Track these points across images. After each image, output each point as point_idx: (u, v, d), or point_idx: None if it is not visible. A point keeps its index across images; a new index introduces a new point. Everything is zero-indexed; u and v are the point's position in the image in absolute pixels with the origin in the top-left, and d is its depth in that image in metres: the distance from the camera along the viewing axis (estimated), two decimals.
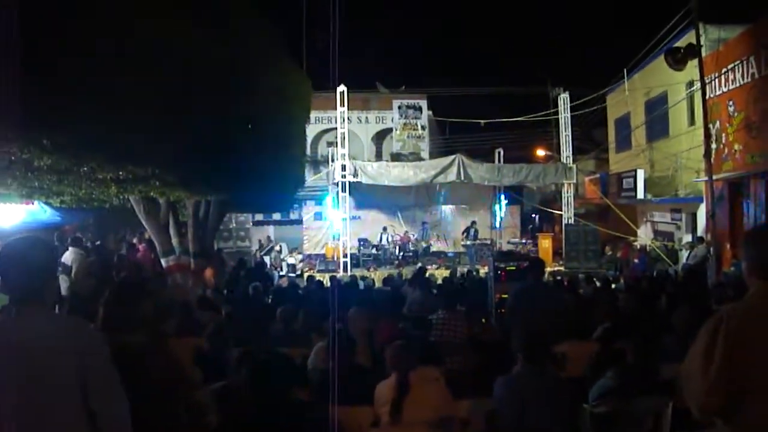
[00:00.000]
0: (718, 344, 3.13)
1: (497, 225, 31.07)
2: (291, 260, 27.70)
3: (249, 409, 4.64)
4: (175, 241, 14.05)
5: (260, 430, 4.54)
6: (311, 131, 28.15)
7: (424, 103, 32.80)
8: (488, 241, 28.34)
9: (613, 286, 15.04)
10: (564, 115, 28.11)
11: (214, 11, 10.41)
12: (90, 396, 3.18)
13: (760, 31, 17.76)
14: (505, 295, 11.24)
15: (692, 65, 18.01)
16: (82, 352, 3.19)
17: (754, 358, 3.10)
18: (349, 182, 25.15)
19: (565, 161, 27.64)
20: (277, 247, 28.71)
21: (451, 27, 74.91)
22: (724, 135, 19.81)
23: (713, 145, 18.90)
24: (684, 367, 3.35)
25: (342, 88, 25.11)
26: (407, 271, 22.97)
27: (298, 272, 25.88)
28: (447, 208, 31.20)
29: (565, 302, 10.87)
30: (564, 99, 28.20)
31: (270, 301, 13.05)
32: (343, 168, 25.03)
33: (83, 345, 3.22)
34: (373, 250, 27.50)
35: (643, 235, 27.12)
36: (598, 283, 15.18)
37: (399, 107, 32.13)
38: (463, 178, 25.46)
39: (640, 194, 25.01)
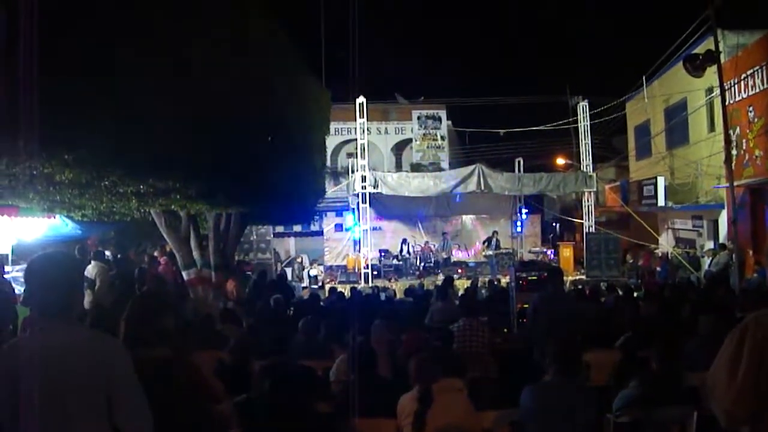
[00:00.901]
0: (745, 352, 3.10)
1: (518, 234, 30.95)
2: (313, 272, 27.73)
3: (271, 422, 4.63)
4: (196, 253, 14.07)
5: None
6: (331, 143, 28.15)
7: (443, 113, 32.81)
8: (509, 251, 28.24)
9: (636, 294, 14.95)
10: (583, 124, 28.12)
11: (236, 27, 10.45)
12: (114, 410, 3.19)
13: None
14: (527, 305, 11.20)
15: (711, 71, 17.93)
16: (107, 366, 3.20)
17: None
18: (370, 193, 25.26)
19: (585, 170, 27.63)
20: (299, 259, 28.75)
21: (470, 37, 75.03)
22: (744, 141, 19.70)
23: (734, 152, 18.79)
24: (710, 376, 3.32)
25: (361, 99, 25.23)
26: (428, 282, 22.98)
27: (320, 284, 25.93)
28: (468, 218, 31.15)
29: (585, 310, 10.86)
30: (583, 107, 28.21)
31: (292, 313, 13.05)
32: (363, 179, 25.12)
33: (108, 359, 3.23)
34: (394, 261, 27.49)
35: (665, 243, 26.97)
36: (620, 292, 15.10)
37: (418, 117, 32.17)
38: (483, 187, 25.49)
39: (661, 201, 24.89)
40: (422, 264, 27.22)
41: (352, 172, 27.34)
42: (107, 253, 18.13)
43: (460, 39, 73.63)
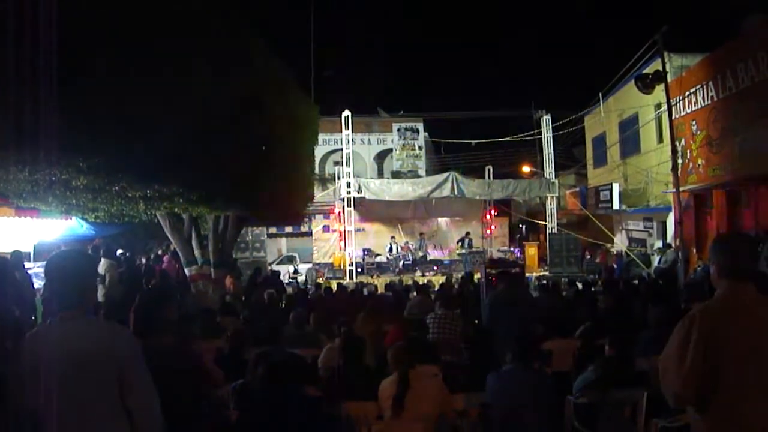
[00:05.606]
0: (692, 340, 3.16)
1: (488, 236, 31.02)
2: (302, 269, 27.76)
3: (265, 405, 4.63)
4: (197, 252, 14.04)
5: (275, 424, 4.54)
6: (319, 152, 28.13)
7: (420, 126, 32.76)
8: (480, 250, 28.28)
9: (593, 288, 15.01)
10: (547, 135, 28.28)
11: (235, 49, 10.43)
12: (125, 393, 3.20)
13: (717, 59, 17.86)
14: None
15: (659, 89, 18.04)
16: (119, 353, 3.22)
17: (725, 352, 3.14)
18: (354, 198, 25.27)
19: (548, 177, 27.82)
20: (297, 262, 28.77)
21: (445, 57, 75.12)
22: (688, 151, 19.82)
23: (679, 161, 18.87)
24: (661, 361, 3.37)
25: (346, 113, 25.26)
26: (407, 278, 23.04)
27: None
28: (443, 220, 31.26)
29: (540, 302, 10.97)
30: (546, 120, 28.34)
31: (283, 306, 13.03)
32: (348, 185, 25.13)
33: (120, 347, 3.25)
34: (376, 259, 27.69)
35: (619, 242, 27.09)
36: (579, 286, 15.15)
37: (398, 130, 32.11)
38: (456, 193, 25.53)
39: (616, 205, 24.99)
40: (401, 262, 27.27)
41: (338, 178, 27.35)
42: (119, 251, 18.11)
43: (438, 60, 73.69)
